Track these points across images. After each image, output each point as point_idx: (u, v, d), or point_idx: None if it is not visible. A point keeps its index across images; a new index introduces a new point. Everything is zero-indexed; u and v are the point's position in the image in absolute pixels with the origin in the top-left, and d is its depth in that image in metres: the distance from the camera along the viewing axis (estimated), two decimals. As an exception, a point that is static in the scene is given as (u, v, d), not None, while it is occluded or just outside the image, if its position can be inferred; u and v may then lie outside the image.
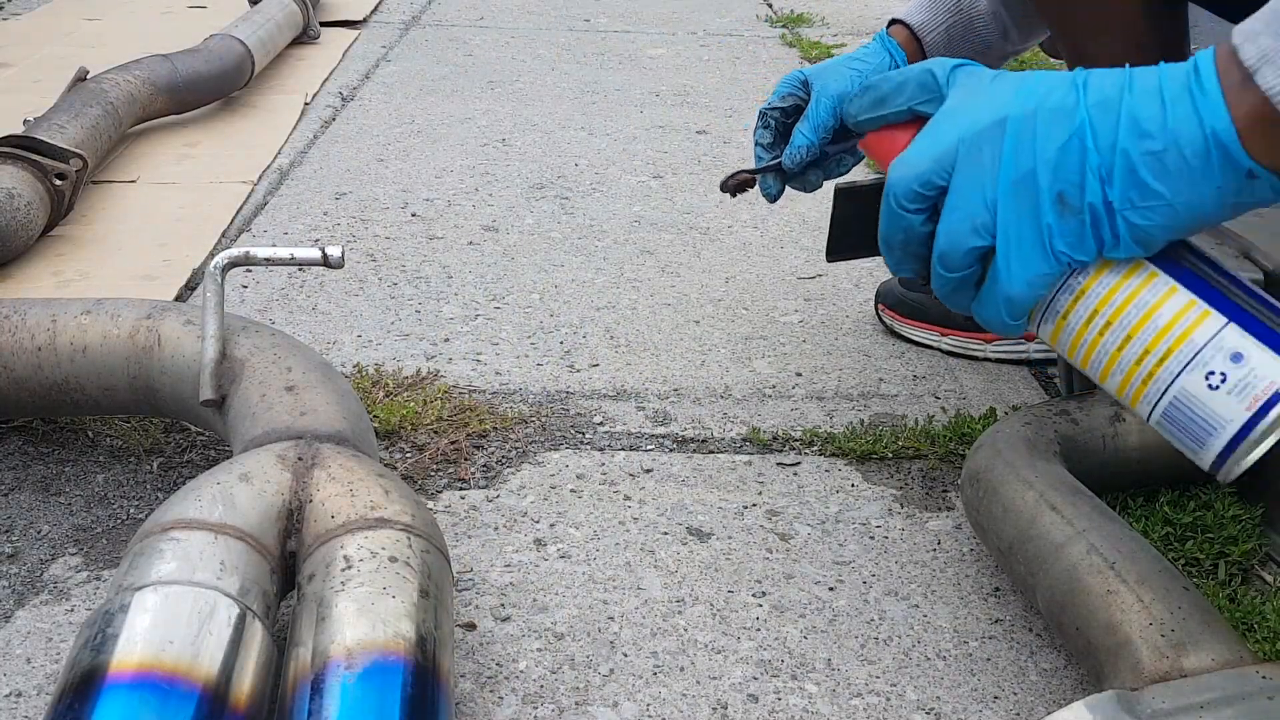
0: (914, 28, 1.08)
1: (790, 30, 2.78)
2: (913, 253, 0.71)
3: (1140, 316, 0.64)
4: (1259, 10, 0.60)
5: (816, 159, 1.01)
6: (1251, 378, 0.61)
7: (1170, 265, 0.65)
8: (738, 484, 1.04)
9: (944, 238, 0.67)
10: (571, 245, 1.53)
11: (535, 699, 0.79)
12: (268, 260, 0.88)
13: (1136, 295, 0.64)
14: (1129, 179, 0.61)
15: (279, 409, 0.85)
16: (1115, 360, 0.65)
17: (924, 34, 1.08)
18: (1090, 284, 0.65)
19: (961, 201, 0.66)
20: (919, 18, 1.08)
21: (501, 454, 1.07)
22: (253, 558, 0.71)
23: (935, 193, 0.68)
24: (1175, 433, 0.64)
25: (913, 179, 0.68)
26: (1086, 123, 0.62)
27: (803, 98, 1.03)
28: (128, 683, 0.60)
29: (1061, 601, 0.77)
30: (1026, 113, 0.64)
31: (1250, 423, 0.61)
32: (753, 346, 1.29)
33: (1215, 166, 0.59)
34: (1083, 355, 0.67)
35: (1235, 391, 0.61)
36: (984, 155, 0.65)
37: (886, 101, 0.73)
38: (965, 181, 0.66)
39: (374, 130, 1.95)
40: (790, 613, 0.88)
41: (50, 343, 0.96)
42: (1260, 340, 0.61)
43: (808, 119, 0.99)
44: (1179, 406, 0.63)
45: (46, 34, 2.46)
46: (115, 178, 1.66)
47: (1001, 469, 0.87)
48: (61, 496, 0.99)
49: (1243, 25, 0.60)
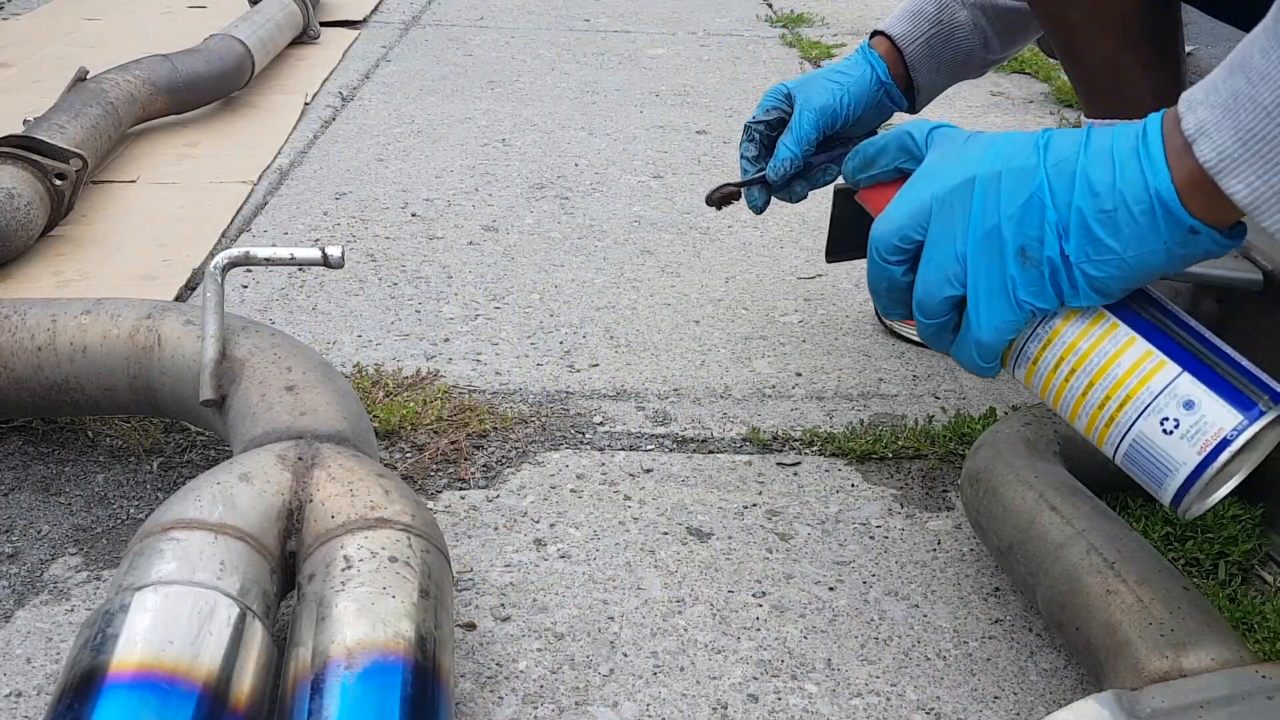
0: (895, 39, 1.10)
1: (790, 30, 2.78)
2: (897, 299, 0.76)
3: (1101, 365, 0.69)
4: (1205, 79, 0.64)
5: (800, 170, 1.04)
6: (1202, 424, 0.66)
7: (1130, 316, 0.69)
8: (738, 484, 1.04)
9: (921, 286, 0.72)
10: (571, 245, 1.53)
11: (535, 699, 0.79)
12: (268, 260, 0.88)
13: (1098, 345, 0.69)
14: (1083, 234, 0.66)
15: (279, 409, 0.85)
16: (1081, 404, 0.70)
17: (905, 45, 1.10)
18: (1056, 334, 0.70)
19: (935, 254, 0.71)
20: (900, 29, 1.10)
21: (501, 454, 1.07)
22: (253, 558, 0.71)
23: (913, 246, 0.73)
24: (1136, 472, 0.69)
25: (892, 234, 0.73)
26: (1045, 182, 0.67)
27: (786, 111, 1.06)
28: (128, 683, 0.60)
29: (1061, 601, 0.77)
30: (993, 173, 0.69)
31: (1202, 465, 0.66)
32: (753, 346, 1.29)
33: (1160, 223, 0.64)
34: (1053, 397, 0.72)
35: (1187, 437, 0.66)
36: (955, 211, 0.70)
37: (874, 163, 0.79)
38: (938, 236, 0.71)
39: (374, 130, 1.95)
40: (790, 613, 0.88)
41: (50, 343, 0.96)
42: (1211, 389, 0.66)
43: (791, 131, 1.03)
44: (1138, 449, 0.68)
45: (46, 34, 2.46)
46: (115, 178, 1.66)
47: (1001, 469, 0.87)
48: (61, 496, 0.99)
49: (1189, 92, 0.64)
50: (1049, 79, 2.37)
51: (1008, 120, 2.13)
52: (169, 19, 2.66)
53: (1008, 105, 2.23)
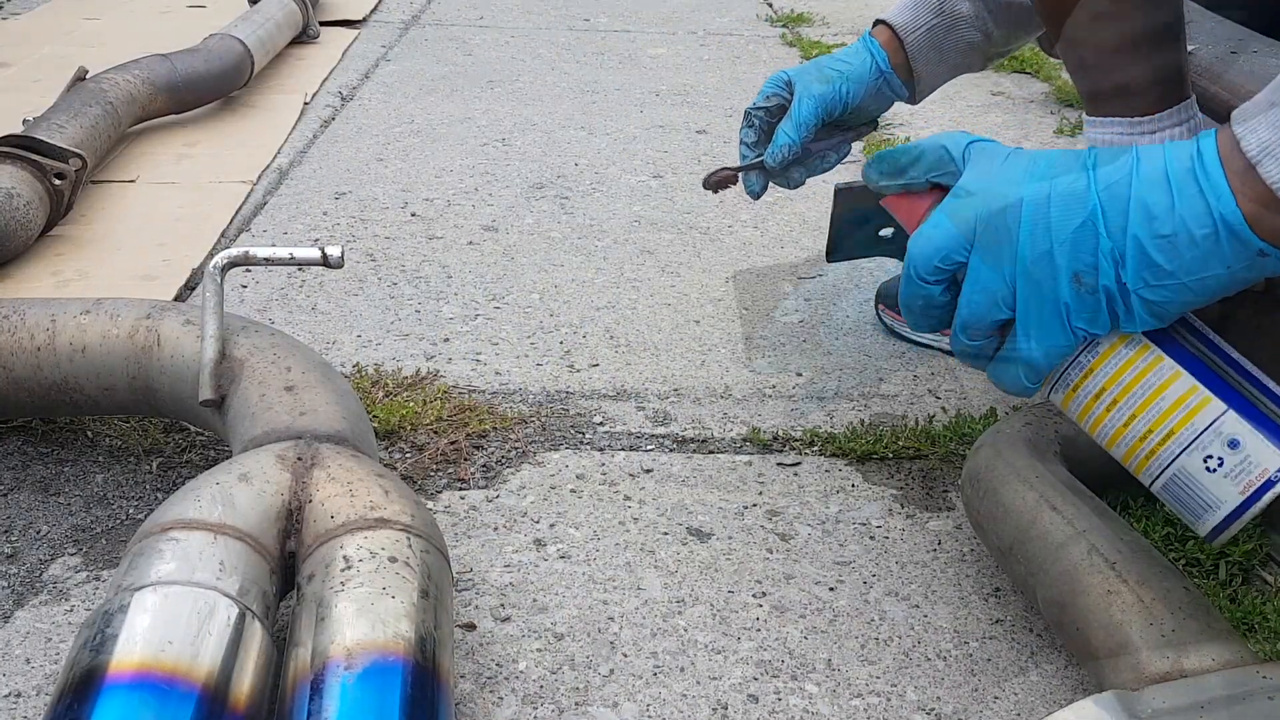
0: (896, 29, 1.10)
1: (790, 30, 2.78)
2: (933, 316, 0.75)
3: (1145, 398, 0.68)
4: (1256, 97, 0.63)
5: (799, 157, 1.04)
6: (1247, 464, 0.65)
7: (1175, 348, 0.69)
8: (738, 484, 1.04)
9: (967, 309, 0.72)
10: (571, 245, 1.53)
11: (535, 699, 0.79)
12: (267, 260, 0.88)
13: (1142, 378, 0.68)
14: (1141, 261, 0.65)
15: (278, 409, 0.85)
16: (1121, 434, 0.70)
17: (906, 35, 1.10)
18: (1099, 363, 0.70)
19: (982, 277, 0.70)
20: (901, 19, 1.10)
21: (501, 454, 1.07)
22: (252, 558, 0.71)
23: (954, 267, 0.72)
24: (1174, 504, 0.69)
25: (933, 254, 0.72)
26: (1098, 208, 0.66)
27: (786, 98, 1.06)
28: (127, 683, 0.60)
29: (1062, 601, 0.77)
30: (1041, 196, 0.68)
31: (1244, 505, 0.65)
32: (753, 346, 1.29)
33: (1225, 248, 0.63)
34: (1090, 424, 0.72)
35: (1231, 476, 0.66)
36: (1001, 234, 0.69)
37: (905, 171, 0.77)
38: (986, 259, 0.70)
39: (373, 130, 1.95)
40: (790, 613, 0.88)
41: (49, 343, 0.96)
42: (1257, 427, 0.66)
43: (790, 118, 1.03)
44: (1178, 483, 0.68)
45: (46, 33, 2.46)
46: (114, 177, 1.66)
47: (1002, 469, 0.87)
48: (61, 497, 0.99)
49: (1241, 110, 0.63)
50: (1049, 79, 2.36)
51: (1008, 120, 2.13)
52: (168, 18, 2.66)
53: (1008, 105, 2.23)
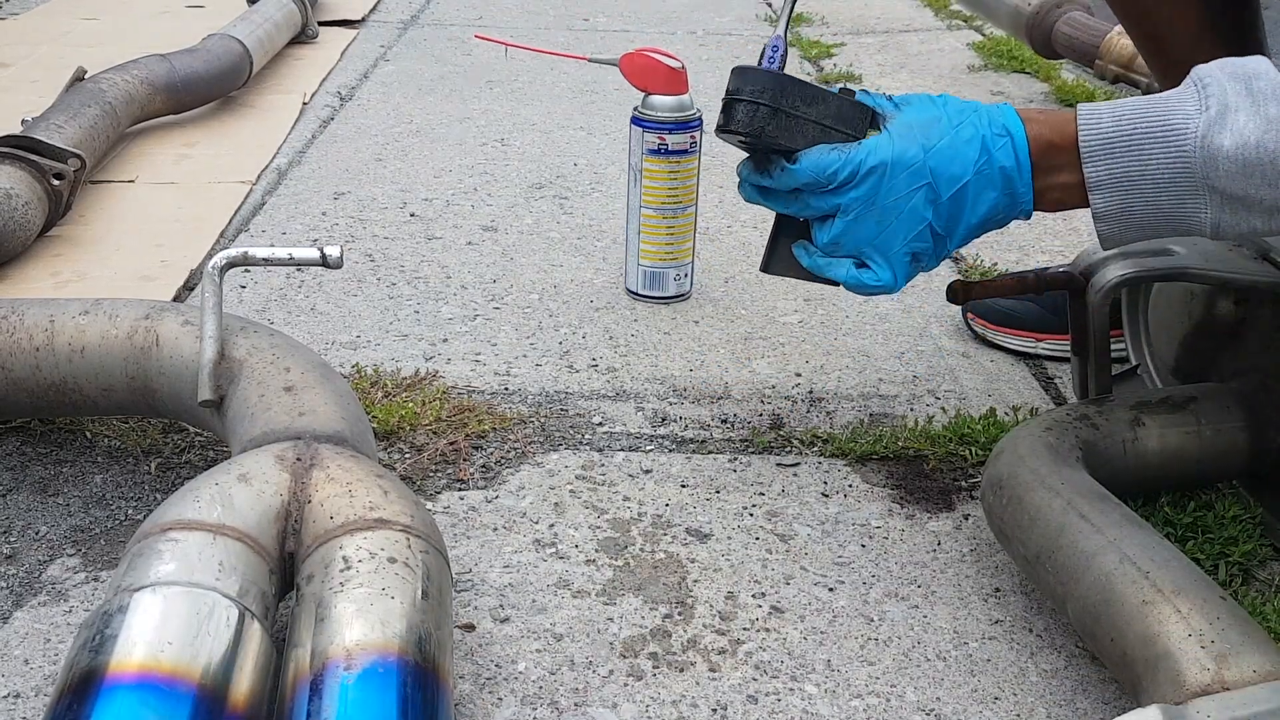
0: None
1: (790, 29, 2.78)
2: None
3: None
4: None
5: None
6: None
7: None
8: (738, 484, 1.04)
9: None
10: (570, 245, 1.53)
11: (534, 700, 0.79)
12: (266, 260, 0.88)
13: None
14: None
15: (277, 409, 0.85)
16: None
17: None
18: None
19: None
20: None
21: (500, 454, 1.07)
22: (251, 559, 0.71)
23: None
24: None
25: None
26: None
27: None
28: (126, 684, 0.60)
29: (1095, 612, 0.75)
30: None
31: None
32: (753, 346, 1.29)
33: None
34: None
35: None
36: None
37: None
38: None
39: (372, 130, 1.95)
40: (790, 614, 0.88)
41: (48, 343, 0.96)
42: None
43: None
44: None
45: (44, 33, 2.46)
46: (113, 178, 1.66)
47: (1026, 475, 0.85)
48: (59, 497, 0.99)
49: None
50: (1049, 79, 2.37)
51: (1007, 120, 2.12)
52: (167, 18, 2.66)
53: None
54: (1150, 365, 1.09)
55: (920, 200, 0.81)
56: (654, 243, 1.34)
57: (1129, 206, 0.77)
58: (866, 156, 0.81)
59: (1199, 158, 0.73)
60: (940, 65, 2.52)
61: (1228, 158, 0.72)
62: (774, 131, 0.83)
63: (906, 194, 0.80)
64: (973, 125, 0.81)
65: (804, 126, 0.83)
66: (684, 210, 1.34)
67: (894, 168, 0.80)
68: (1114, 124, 0.77)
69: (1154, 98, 0.77)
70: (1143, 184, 0.76)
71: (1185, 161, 0.74)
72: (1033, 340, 1.26)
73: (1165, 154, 0.75)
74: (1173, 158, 0.74)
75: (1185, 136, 0.74)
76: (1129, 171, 0.76)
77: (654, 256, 1.35)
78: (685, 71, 1.32)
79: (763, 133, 0.83)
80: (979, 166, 0.80)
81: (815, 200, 0.83)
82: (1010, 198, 0.81)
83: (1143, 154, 0.75)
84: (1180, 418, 0.94)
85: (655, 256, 1.35)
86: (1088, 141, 0.77)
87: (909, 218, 0.81)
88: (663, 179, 1.32)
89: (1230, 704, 0.65)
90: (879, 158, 0.81)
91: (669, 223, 1.33)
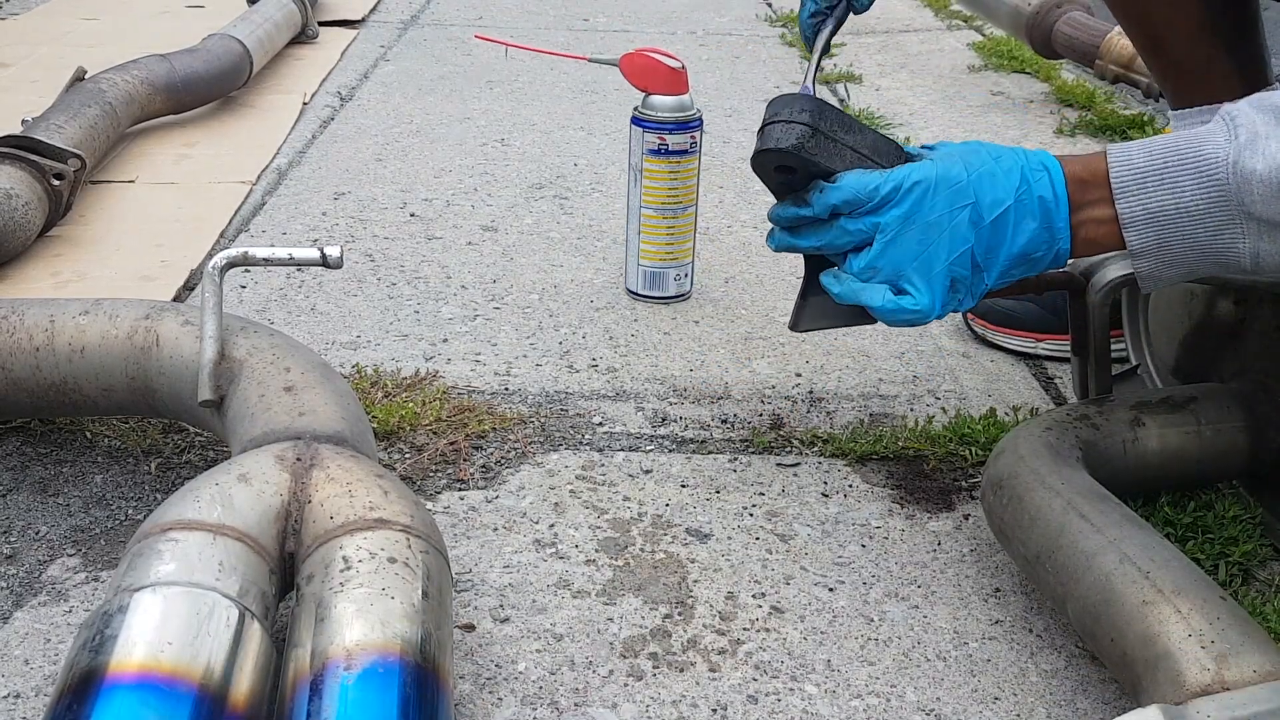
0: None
1: (790, 29, 2.78)
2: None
3: None
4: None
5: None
6: None
7: None
8: (738, 484, 1.04)
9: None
10: (570, 245, 1.53)
11: (534, 700, 0.79)
12: (266, 260, 0.88)
13: None
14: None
15: (277, 409, 0.85)
16: None
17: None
18: None
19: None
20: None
21: (500, 455, 1.07)
22: (251, 559, 0.71)
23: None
24: None
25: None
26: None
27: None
28: (126, 684, 0.60)
29: (1095, 612, 0.75)
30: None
31: None
32: (753, 346, 1.29)
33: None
34: None
35: None
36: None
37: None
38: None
39: (372, 130, 1.95)
40: (790, 614, 0.88)
41: (48, 343, 0.96)
42: None
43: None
44: None
45: (44, 33, 2.46)
46: (113, 178, 1.66)
47: (1027, 475, 0.85)
48: (60, 497, 0.99)
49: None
50: (1049, 79, 2.36)
51: (1007, 120, 2.13)
52: (167, 19, 2.66)
53: (1008, 105, 2.23)
54: (1150, 365, 1.09)
55: (964, 220, 0.79)
56: (654, 243, 1.34)
57: (1165, 241, 0.76)
58: (910, 172, 0.80)
59: (1232, 184, 0.73)
60: (940, 65, 2.52)
61: (1261, 181, 0.71)
62: (814, 149, 0.82)
63: (950, 212, 0.79)
64: (1011, 158, 0.80)
65: (842, 150, 0.82)
66: (684, 210, 1.34)
67: (938, 184, 0.79)
68: (1145, 159, 0.76)
69: (1184, 133, 0.76)
70: (1178, 217, 0.75)
71: (1219, 189, 0.73)
72: (1033, 340, 1.26)
73: (1198, 184, 0.74)
74: (1206, 187, 0.74)
75: (1217, 165, 0.73)
76: (1163, 205, 0.75)
77: (654, 256, 1.35)
78: (685, 71, 1.32)
79: (802, 149, 0.82)
80: (1019, 194, 0.79)
81: (852, 224, 0.81)
82: (1049, 232, 0.79)
83: (1176, 186, 0.75)
84: (1180, 418, 0.94)
85: (655, 256, 1.35)
86: (1119, 177, 0.76)
87: (952, 236, 0.79)
88: (663, 179, 1.32)
89: (1230, 704, 0.65)
90: (923, 173, 0.80)
91: (669, 223, 1.33)
